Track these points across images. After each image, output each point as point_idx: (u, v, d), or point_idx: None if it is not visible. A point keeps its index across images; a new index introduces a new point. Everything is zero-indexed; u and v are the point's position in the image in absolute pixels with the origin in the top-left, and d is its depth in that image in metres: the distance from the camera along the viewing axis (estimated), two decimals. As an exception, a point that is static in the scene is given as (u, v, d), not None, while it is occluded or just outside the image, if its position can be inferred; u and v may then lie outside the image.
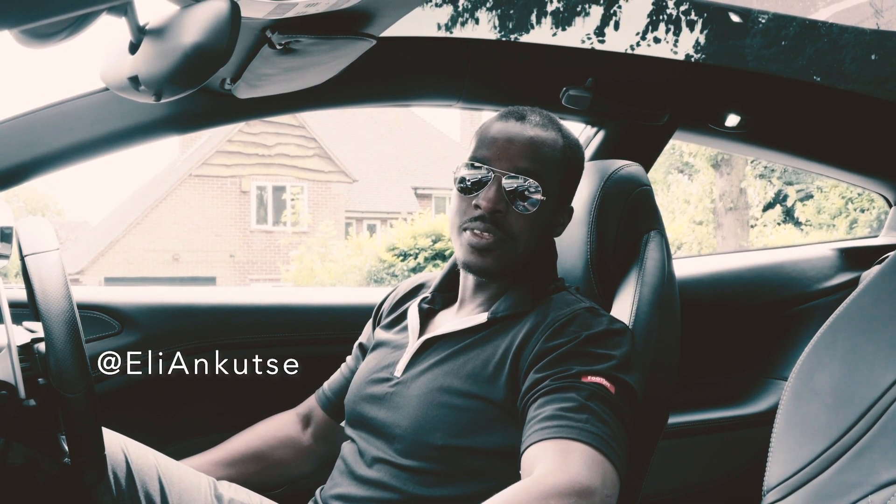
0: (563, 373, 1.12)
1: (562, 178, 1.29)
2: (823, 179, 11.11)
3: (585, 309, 1.22)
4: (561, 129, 1.31)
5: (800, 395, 1.01)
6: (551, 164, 1.26)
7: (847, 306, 1.02)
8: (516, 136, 1.26)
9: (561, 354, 1.15)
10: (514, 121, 1.28)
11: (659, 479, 1.62)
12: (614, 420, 1.09)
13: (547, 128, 1.28)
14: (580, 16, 4.32)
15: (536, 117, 1.29)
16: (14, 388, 1.11)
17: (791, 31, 3.26)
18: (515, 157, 1.25)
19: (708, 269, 2.22)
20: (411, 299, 1.44)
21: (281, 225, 17.24)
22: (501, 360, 1.20)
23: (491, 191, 1.24)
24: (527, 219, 1.25)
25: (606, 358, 1.14)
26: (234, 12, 0.96)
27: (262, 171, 17.19)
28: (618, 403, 1.11)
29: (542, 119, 1.30)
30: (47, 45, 0.96)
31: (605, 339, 1.17)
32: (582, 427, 1.05)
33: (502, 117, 1.30)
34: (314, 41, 1.24)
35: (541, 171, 1.25)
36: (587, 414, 1.06)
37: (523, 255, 1.27)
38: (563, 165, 1.29)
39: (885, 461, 0.89)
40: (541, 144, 1.26)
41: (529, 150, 1.25)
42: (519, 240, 1.26)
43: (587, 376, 1.11)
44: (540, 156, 1.25)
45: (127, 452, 1.30)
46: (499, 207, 1.24)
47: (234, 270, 16.74)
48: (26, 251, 1.16)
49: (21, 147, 1.44)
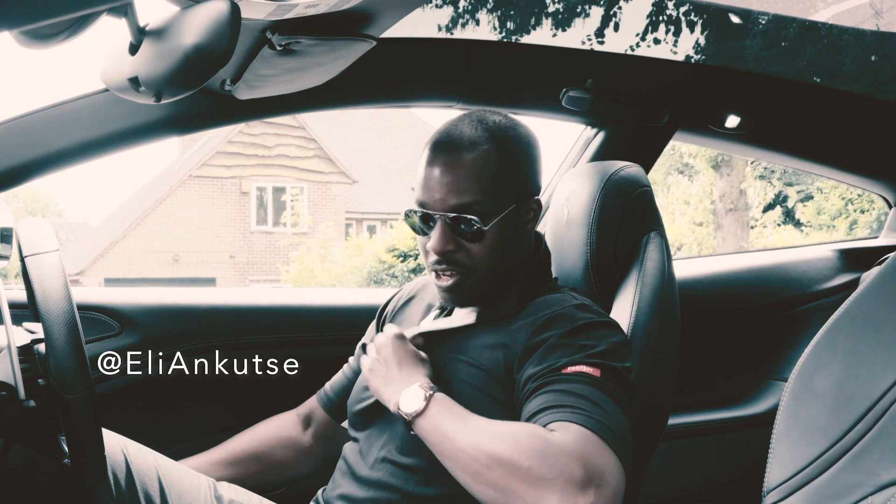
0: (548, 367, 1.12)
1: (505, 182, 1.24)
2: (823, 180, 11.11)
3: (574, 306, 1.22)
4: (488, 128, 1.25)
5: (800, 396, 1.00)
6: (486, 180, 1.22)
7: (847, 307, 1.02)
8: (443, 172, 1.23)
9: (546, 349, 1.15)
10: (440, 153, 1.24)
11: (659, 479, 1.62)
12: (602, 398, 1.07)
13: (474, 145, 1.23)
14: (580, 17, 4.32)
15: (460, 136, 1.25)
16: (14, 388, 1.11)
17: (791, 32, 3.26)
18: (448, 195, 1.22)
19: (708, 270, 2.22)
20: (417, 302, 1.45)
21: (281, 226, 17.24)
22: (494, 357, 1.21)
23: (436, 234, 1.24)
24: (479, 248, 1.24)
25: (589, 348, 1.14)
26: (235, 13, 0.96)
27: (263, 171, 17.19)
28: (606, 384, 1.10)
29: (469, 135, 1.25)
30: (48, 45, 0.96)
31: (589, 330, 1.17)
32: (565, 410, 1.05)
33: (431, 151, 1.26)
34: (314, 42, 1.24)
35: (477, 195, 1.22)
36: (572, 397, 1.06)
37: (491, 275, 1.26)
38: (501, 167, 1.24)
39: (885, 462, 0.89)
40: (468, 168, 1.22)
41: (456, 181, 1.22)
42: (479, 268, 1.25)
43: (569, 367, 1.11)
44: (470, 181, 1.22)
45: (127, 453, 1.30)
46: (447, 248, 1.24)
47: (234, 271, 16.74)
48: (26, 252, 1.16)
49: (21, 148, 1.44)
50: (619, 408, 1.09)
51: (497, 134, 1.26)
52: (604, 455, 1.01)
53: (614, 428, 1.05)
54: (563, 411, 1.05)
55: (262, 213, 17.38)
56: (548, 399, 1.08)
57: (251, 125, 16.33)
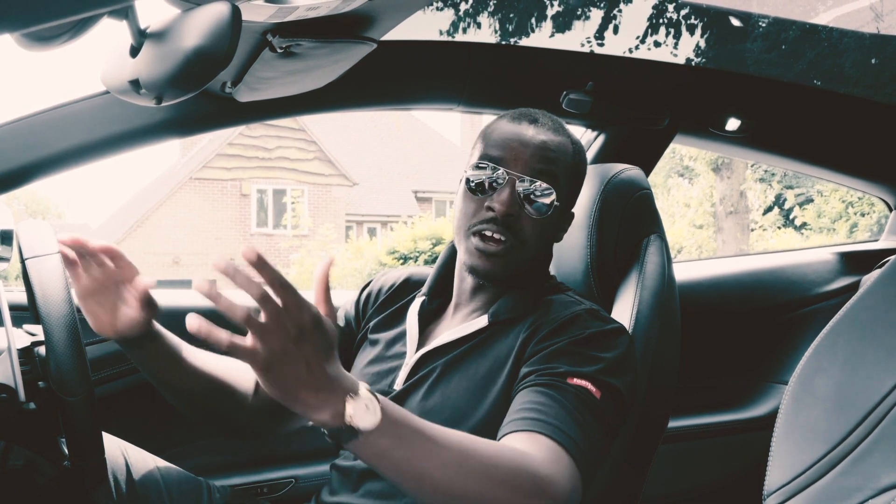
0: (550, 370, 1.11)
1: (570, 184, 1.27)
2: (824, 183, 11.12)
3: (585, 311, 1.21)
4: (570, 135, 1.29)
5: (800, 399, 1.00)
6: (563, 168, 1.25)
7: (847, 310, 1.02)
8: (530, 138, 1.23)
9: (552, 352, 1.13)
10: (527, 123, 1.25)
11: (659, 482, 1.62)
12: (592, 426, 1.07)
13: (558, 132, 1.26)
14: (580, 19, 4.32)
15: (548, 121, 1.27)
16: (14, 391, 1.11)
17: (791, 35, 3.26)
18: (530, 160, 1.22)
19: (708, 272, 2.22)
20: (403, 297, 1.39)
21: (281, 228, 17.25)
22: (503, 366, 1.18)
23: (504, 193, 1.21)
24: (537, 223, 1.23)
25: (595, 360, 1.12)
26: (235, 16, 0.96)
27: (263, 174, 17.21)
28: (601, 408, 1.09)
29: (553, 123, 1.27)
30: (49, 48, 0.96)
31: (597, 340, 1.16)
32: (556, 425, 1.03)
33: (513, 119, 1.27)
34: (315, 45, 1.24)
35: (554, 176, 1.23)
36: (566, 413, 1.05)
37: (529, 260, 1.25)
38: (573, 170, 1.27)
39: (885, 465, 0.89)
40: (554, 148, 1.24)
41: (543, 153, 1.23)
42: (528, 245, 1.23)
43: (573, 378, 1.09)
44: (553, 160, 1.23)
45: (127, 456, 1.30)
46: (512, 210, 1.21)
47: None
48: (27, 254, 1.16)
49: (22, 150, 1.44)
50: (603, 438, 1.09)
51: (574, 139, 1.29)
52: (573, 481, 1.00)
53: (588, 458, 1.04)
54: (550, 426, 1.03)
55: (262, 215, 17.40)
56: (542, 401, 1.06)
57: (252, 127, 16.35)
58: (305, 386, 0.81)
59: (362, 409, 0.84)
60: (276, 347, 0.80)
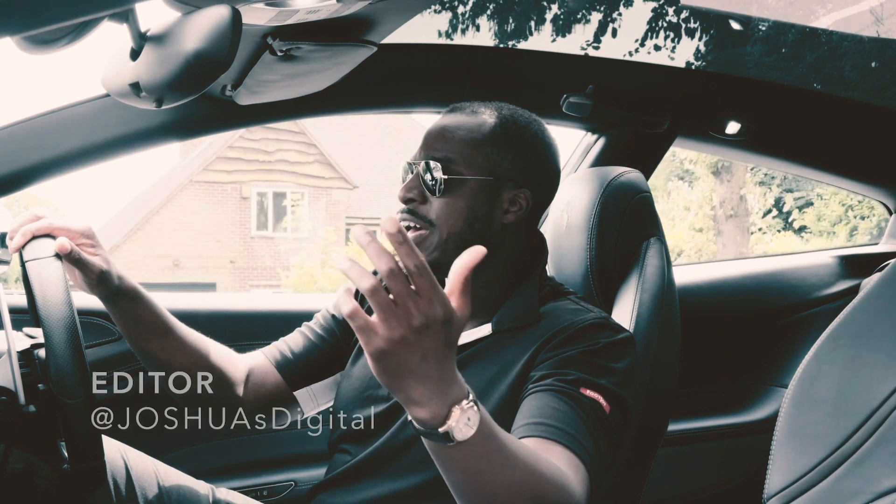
0: (563, 376, 1.10)
1: (488, 154, 1.22)
2: (823, 187, 11.12)
3: (594, 320, 1.19)
4: (499, 108, 1.26)
5: (800, 402, 1.00)
6: (469, 145, 1.22)
7: (847, 314, 1.02)
8: (433, 127, 1.25)
9: (564, 359, 1.13)
10: (446, 114, 1.27)
11: (659, 486, 1.62)
12: (602, 439, 1.07)
13: (474, 114, 1.25)
14: (580, 23, 4.33)
15: (470, 107, 1.27)
16: (14, 393, 1.11)
17: (791, 38, 3.27)
18: (428, 147, 1.24)
19: (708, 276, 2.22)
20: None
21: (281, 231, 17.24)
22: (509, 372, 1.17)
23: (407, 180, 1.24)
24: (444, 203, 1.21)
25: (607, 371, 1.12)
26: (236, 19, 0.96)
27: (263, 177, 17.21)
28: (610, 422, 1.09)
29: (475, 107, 1.26)
30: (49, 51, 0.97)
31: (609, 350, 1.15)
32: (576, 437, 1.03)
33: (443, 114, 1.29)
34: (315, 48, 1.24)
35: (452, 153, 1.21)
36: (583, 425, 1.05)
37: (450, 239, 1.21)
38: (491, 138, 1.22)
39: (885, 469, 0.89)
40: (455, 129, 1.23)
41: (439, 135, 1.24)
42: (438, 226, 1.21)
43: (587, 389, 1.09)
44: (448, 138, 1.23)
45: (126, 459, 1.30)
46: (411, 195, 1.22)
47: (235, 276, 16.74)
48: (27, 257, 1.16)
49: (22, 152, 1.44)
50: (609, 451, 1.09)
51: (504, 113, 1.26)
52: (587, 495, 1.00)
53: (597, 469, 1.04)
54: (570, 437, 1.03)
55: (262, 218, 17.39)
56: (559, 408, 1.06)
57: (252, 130, 16.35)
58: (414, 377, 0.78)
59: (464, 421, 0.80)
60: (395, 335, 0.76)
